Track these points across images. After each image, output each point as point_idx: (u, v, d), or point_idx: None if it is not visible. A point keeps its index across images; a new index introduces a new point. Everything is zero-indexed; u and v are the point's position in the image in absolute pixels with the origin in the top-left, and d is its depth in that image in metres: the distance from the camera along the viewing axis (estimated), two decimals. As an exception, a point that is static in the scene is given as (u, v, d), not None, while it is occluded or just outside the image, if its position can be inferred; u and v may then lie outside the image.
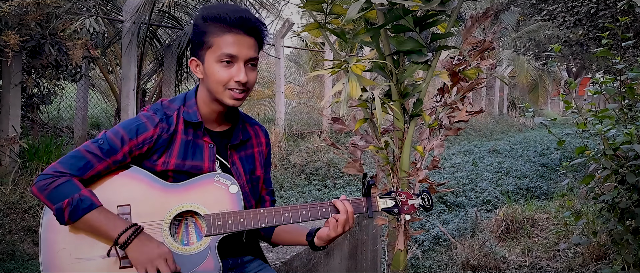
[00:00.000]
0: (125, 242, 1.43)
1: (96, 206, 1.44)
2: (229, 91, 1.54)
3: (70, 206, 1.41)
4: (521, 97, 20.80)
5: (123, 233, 1.43)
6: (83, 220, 1.43)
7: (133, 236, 1.43)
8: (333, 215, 1.59)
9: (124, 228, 1.43)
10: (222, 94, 1.55)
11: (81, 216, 1.42)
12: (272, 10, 7.68)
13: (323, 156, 7.73)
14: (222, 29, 1.51)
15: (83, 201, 1.43)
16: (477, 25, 2.17)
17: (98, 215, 1.44)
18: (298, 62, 14.82)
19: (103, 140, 1.52)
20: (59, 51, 4.50)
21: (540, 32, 15.34)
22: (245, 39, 1.53)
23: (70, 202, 1.42)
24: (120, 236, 1.43)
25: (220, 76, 1.52)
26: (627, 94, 2.90)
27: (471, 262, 4.26)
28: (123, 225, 1.44)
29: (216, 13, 1.52)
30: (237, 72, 1.52)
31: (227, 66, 1.52)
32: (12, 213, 4.08)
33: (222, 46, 1.51)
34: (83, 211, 1.42)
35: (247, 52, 1.53)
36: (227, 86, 1.53)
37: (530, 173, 8.19)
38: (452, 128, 2.24)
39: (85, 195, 1.44)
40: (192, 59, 1.59)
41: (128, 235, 1.43)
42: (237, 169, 1.66)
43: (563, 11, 7.19)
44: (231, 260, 1.67)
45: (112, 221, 1.45)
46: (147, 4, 5.63)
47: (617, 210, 2.79)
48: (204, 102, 1.61)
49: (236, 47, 1.52)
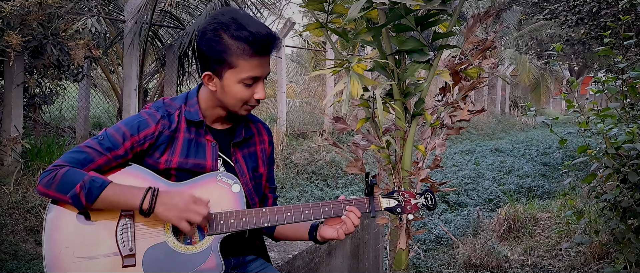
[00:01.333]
0: (150, 206, 1.44)
1: (108, 183, 1.45)
2: (246, 105, 1.57)
3: (84, 189, 1.42)
4: (523, 96, 20.77)
5: (144, 199, 1.44)
6: (101, 198, 1.43)
7: (154, 199, 1.44)
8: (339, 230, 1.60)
9: (143, 195, 1.44)
10: (239, 109, 1.58)
11: (98, 196, 1.43)
12: (274, 10, 7.68)
13: (325, 155, 7.73)
14: (249, 52, 1.49)
15: (95, 181, 1.43)
16: (478, 24, 2.17)
17: (113, 189, 1.45)
18: (300, 62, 14.83)
19: (103, 136, 1.53)
20: (61, 51, 4.51)
21: (542, 31, 15.33)
22: (267, 59, 1.55)
23: (82, 186, 1.42)
24: (142, 203, 1.44)
25: (242, 96, 1.54)
26: (629, 93, 2.90)
27: (473, 261, 4.26)
28: (140, 192, 1.45)
29: (246, 35, 1.47)
30: (259, 90, 1.55)
31: (249, 86, 1.53)
32: (14, 213, 4.09)
33: (248, 70, 1.50)
34: (98, 190, 1.43)
35: (267, 70, 1.56)
36: (246, 102, 1.56)
37: (532, 172, 8.18)
38: (453, 127, 2.25)
39: (94, 175, 1.45)
40: (207, 73, 1.54)
41: (149, 199, 1.44)
42: (240, 167, 1.66)
43: (565, 10, 7.18)
44: (234, 259, 1.67)
45: (129, 192, 1.45)
46: (149, 4, 5.63)
47: (619, 209, 2.79)
48: (207, 105, 1.62)
49: (260, 69, 1.53)
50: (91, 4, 5.14)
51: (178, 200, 1.45)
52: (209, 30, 1.50)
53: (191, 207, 1.45)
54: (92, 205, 1.44)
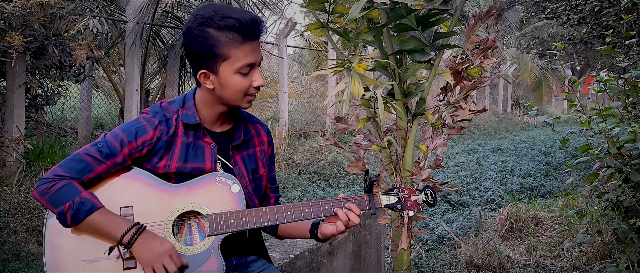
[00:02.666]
0: (129, 241, 1.43)
1: (97, 207, 1.45)
2: (248, 96, 1.55)
3: (72, 210, 1.42)
4: (525, 95, 20.75)
5: (126, 233, 1.43)
6: (86, 222, 1.44)
7: (136, 235, 1.44)
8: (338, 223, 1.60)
9: (127, 228, 1.44)
10: (241, 102, 1.55)
11: (83, 219, 1.43)
12: (275, 10, 7.68)
13: (326, 155, 7.73)
14: (239, 39, 1.47)
15: (84, 204, 1.43)
16: (480, 24, 2.17)
17: (100, 216, 1.44)
18: (301, 62, 14.84)
19: (102, 143, 1.52)
20: (63, 51, 4.51)
21: (544, 31, 15.29)
22: (257, 44, 1.52)
23: (71, 205, 1.42)
24: (123, 236, 1.43)
25: (242, 86, 1.52)
26: (631, 93, 2.89)
27: (475, 261, 4.26)
28: (126, 225, 1.44)
29: (232, 23, 1.45)
30: (257, 77, 1.53)
31: (246, 75, 1.52)
32: (16, 213, 4.09)
33: (242, 58, 1.48)
34: (85, 214, 1.43)
35: (260, 55, 1.54)
36: (247, 93, 1.54)
37: (535, 171, 8.17)
38: (455, 127, 2.24)
39: (86, 197, 1.44)
40: (202, 72, 1.52)
41: (131, 234, 1.43)
42: (239, 170, 1.65)
43: (567, 9, 7.17)
44: (235, 260, 1.67)
45: (114, 221, 1.45)
46: (151, 4, 5.64)
47: (621, 209, 2.78)
48: (205, 105, 1.60)
49: (253, 55, 1.51)
50: (93, 4, 5.15)
51: (157, 247, 1.45)
52: (193, 27, 1.48)
53: (164, 259, 1.44)
54: (77, 226, 1.44)
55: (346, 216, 1.59)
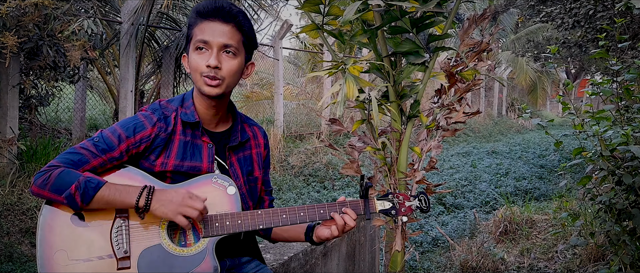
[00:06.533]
0: (146, 203, 1.44)
1: (103, 183, 1.45)
2: (204, 78, 1.54)
3: (79, 190, 1.41)
4: (520, 98, 20.84)
5: (140, 196, 1.44)
6: (96, 199, 1.43)
7: (150, 196, 1.45)
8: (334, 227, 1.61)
9: (139, 192, 1.45)
10: (200, 83, 1.56)
11: (93, 196, 1.42)
12: (271, 12, 7.68)
13: (322, 157, 7.73)
14: (198, 19, 1.55)
15: (90, 181, 1.43)
16: (474, 26, 2.18)
17: (108, 190, 1.44)
18: (297, 64, 14.84)
19: (99, 138, 1.52)
20: (57, 52, 4.50)
21: (539, 34, 15.36)
22: (219, 26, 1.54)
23: (78, 186, 1.42)
24: (138, 200, 1.44)
25: (195, 63, 1.55)
26: (624, 95, 2.90)
27: (469, 263, 4.26)
28: (136, 191, 1.45)
29: (196, 7, 1.56)
30: (211, 59, 1.53)
31: (202, 53, 1.54)
32: (9, 214, 4.07)
33: (197, 34, 1.54)
34: (94, 190, 1.43)
35: (221, 39, 1.53)
36: (201, 73, 1.54)
37: (529, 174, 8.20)
38: (449, 129, 2.25)
39: (89, 175, 1.45)
40: (183, 55, 1.63)
41: (145, 196, 1.44)
42: (234, 171, 1.66)
43: (562, 13, 7.21)
44: (229, 261, 1.67)
45: (124, 191, 1.46)
46: (146, 5, 5.63)
47: (614, 211, 2.79)
48: (197, 99, 1.62)
49: (208, 33, 1.53)
50: (87, 5, 5.13)
51: (174, 196, 1.46)
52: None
53: (187, 202, 1.45)
54: (88, 205, 1.43)
55: (342, 220, 1.60)
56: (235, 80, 1.60)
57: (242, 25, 1.56)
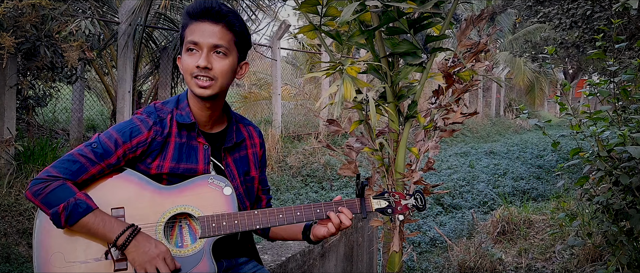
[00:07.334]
0: (124, 243, 1.43)
1: (92, 209, 1.44)
2: (195, 79, 1.54)
3: (66, 211, 1.41)
4: (518, 99, 20.87)
5: (121, 234, 1.43)
6: (80, 224, 1.43)
7: (131, 237, 1.43)
8: (330, 225, 1.61)
9: (122, 230, 1.43)
10: (191, 84, 1.55)
11: (78, 220, 1.42)
12: (269, 12, 7.68)
13: (320, 158, 7.73)
14: (189, 20, 1.55)
15: (79, 205, 1.42)
16: (471, 27, 2.18)
17: (95, 217, 1.43)
18: (295, 64, 14.84)
19: (97, 144, 1.51)
20: (55, 52, 4.49)
21: (537, 34, 15.39)
22: (208, 27, 1.53)
23: (66, 206, 1.41)
24: (118, 238, 1.43)
25: (186, 65, 1.54)
26: (621, 96, 2.90)
27: (467, 263, 4.27)
28: (120, 227, 1.44)
29: (186, 8, 1.57)
30: (201, 60, 1.52)
31: (193, 54, 1.53)
32: (7, 215, 4.06)
33: (188, 35, 1.54)
34: (79, 215, 1.42)
35: (210, 39, 1.52)
36: (193, 74, 1.54)
37: (527, 174, 8.22)
38: (446, 130, 2.25)
39: (81, 198, 1.43)
40: (178, 56, 1.62)
41: (126, 236, 1.43)
42: (231, 172, 1.65)
43: (559, 13, 7.21)
44: (226, 262, 1.67)
45: (109, 223, 1.44)
46: (143, 6, 5.62)
47: (611, 211, 2.80)
48: (191, 100, 1.61)
49: (198, 34, 1.52)
50: (85, 5, 5.12)
51: (151, 249, 1.44)
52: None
53: (158, 262, 1.44)
54: (71, 227, 1.43)
55: (338, 219, 1.60)
56: (227, 80, 1.58)
57: (232, 24, 1.55)
